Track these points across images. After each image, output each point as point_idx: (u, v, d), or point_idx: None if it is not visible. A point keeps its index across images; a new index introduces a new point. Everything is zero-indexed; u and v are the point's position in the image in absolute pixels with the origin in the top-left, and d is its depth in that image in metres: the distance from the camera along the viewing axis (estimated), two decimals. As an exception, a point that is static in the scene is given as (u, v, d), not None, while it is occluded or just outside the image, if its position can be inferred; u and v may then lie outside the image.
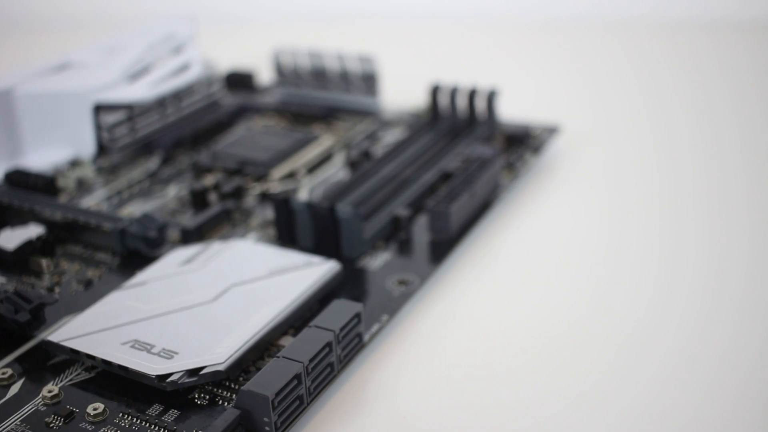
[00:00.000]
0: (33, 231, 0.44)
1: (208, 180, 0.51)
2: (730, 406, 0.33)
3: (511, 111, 0.58)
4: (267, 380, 0.31)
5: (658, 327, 0.38)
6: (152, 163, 0.55)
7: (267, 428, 0.31)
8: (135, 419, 0.32)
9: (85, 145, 0.55)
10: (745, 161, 0.53)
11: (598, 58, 0.75)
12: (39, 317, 0.38)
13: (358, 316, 0.35)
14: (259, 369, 0.34)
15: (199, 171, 0.52)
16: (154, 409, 0.33)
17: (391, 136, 0.56)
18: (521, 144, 0.53)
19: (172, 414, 0.33)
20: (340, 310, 0.35)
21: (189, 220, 0.46)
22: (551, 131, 0.55)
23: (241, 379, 0.34)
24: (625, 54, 0.75)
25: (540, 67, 0.74)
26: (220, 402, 0.33)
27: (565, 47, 0.79)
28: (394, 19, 0.91)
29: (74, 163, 0.55)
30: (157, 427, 0.32)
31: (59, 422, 0.32)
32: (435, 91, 0.55)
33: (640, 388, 0.34)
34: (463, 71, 0.65)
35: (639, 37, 0.80)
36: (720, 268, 0.42)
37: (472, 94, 0.54)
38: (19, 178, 0.50)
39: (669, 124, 0.60)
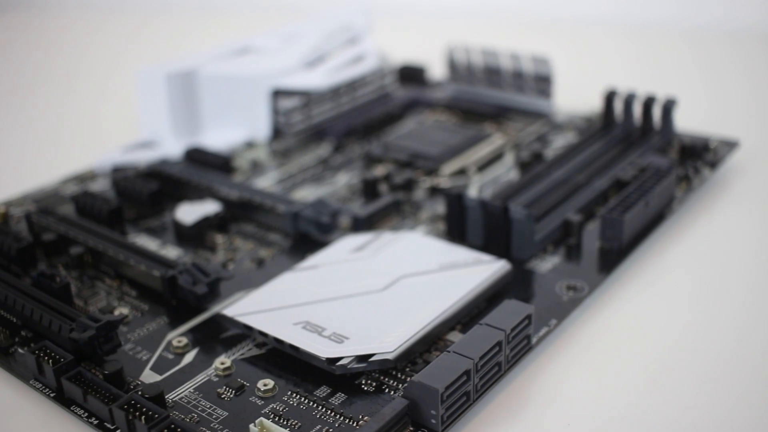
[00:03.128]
0: (209, 207, 0.46)
1: (379, 170, 0.51)
2: None
3: (685, 121, 0.56)
4: (437, 373, 0.31)
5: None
6: (324, 149, 0.56)
7: (433, 421, 0.31)
8: (303, 398, 0.33)
9: (261, 128, 0.57)
10: None
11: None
12: (214, 291, 0.39)
13: (528, 318, 0.34)
14: (426, 361, 0.35)
15: (371, 161, 0.53)
16: (322, 391, 0.33)
17: (562, 140, 0.56)
18: (697, 157, 0.52)
19: (339, 397, 0.33)
20: (512, 311, 0.34)
21: (360, 208, 0.46)
22: (731, 145, 0.53)
23: (407, 369, 0.34)
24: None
25: (717, 78, 0.72)
26: (387, 390, 0.33)
27: (748, 60, 0.76)
28: (568, 21, 0.90)
29: (249, 145, 0.56)
30: (324, 409, 0.32)
31: (231, 394, 0.33)
32: (610, 97, 0.54)
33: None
34: (635, 78, 0.63)
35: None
36: None
37: (648, 102, 0.53)
38: (197, 156, 0.52)
39: None
